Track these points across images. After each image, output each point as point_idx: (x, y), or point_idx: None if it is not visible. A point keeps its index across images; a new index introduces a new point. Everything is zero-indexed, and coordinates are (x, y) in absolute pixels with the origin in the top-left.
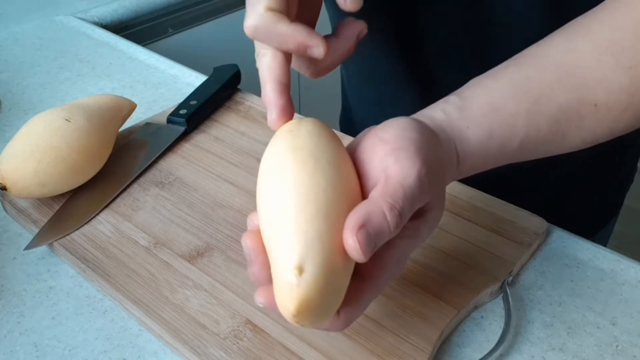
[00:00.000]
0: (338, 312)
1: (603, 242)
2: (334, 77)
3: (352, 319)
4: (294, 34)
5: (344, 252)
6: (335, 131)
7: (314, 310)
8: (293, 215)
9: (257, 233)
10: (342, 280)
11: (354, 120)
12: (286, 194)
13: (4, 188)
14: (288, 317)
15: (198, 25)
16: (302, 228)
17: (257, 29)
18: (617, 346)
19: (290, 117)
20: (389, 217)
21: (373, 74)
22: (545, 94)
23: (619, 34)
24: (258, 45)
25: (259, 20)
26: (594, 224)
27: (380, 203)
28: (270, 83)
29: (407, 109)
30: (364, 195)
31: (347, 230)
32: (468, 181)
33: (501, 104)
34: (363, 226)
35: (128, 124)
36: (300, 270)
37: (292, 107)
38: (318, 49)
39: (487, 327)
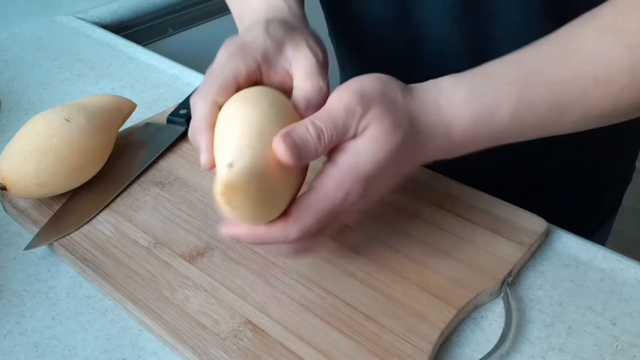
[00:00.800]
0: (288, 217)
1: (602, 241)
2: (333, 80)
3: (305, 226)
4: (200, 132)
5: (278, 163)
6: None
7: (239, 192)
8: (232, 135)
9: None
10: (275, 182)
11: None
12: (229, 122)
13: (4, 188)
14: (217, 198)
15: (198, 25)
16: (236, 142)
17: (196, 103)
18: (617, 346)
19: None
20: (310, 129)
21: None
22: (539, 70)
23: (623, 20)
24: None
25: (202, 100)
26: (593, 224)
27: (306, 120)
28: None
29: None
30: None
31: (276, 137)
32: (468, 181)
33: (493, 72)
34: (289, 134)
35: (128, 124)
36: (230, 166)
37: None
38: (201, 159)
39: (487, 327)
